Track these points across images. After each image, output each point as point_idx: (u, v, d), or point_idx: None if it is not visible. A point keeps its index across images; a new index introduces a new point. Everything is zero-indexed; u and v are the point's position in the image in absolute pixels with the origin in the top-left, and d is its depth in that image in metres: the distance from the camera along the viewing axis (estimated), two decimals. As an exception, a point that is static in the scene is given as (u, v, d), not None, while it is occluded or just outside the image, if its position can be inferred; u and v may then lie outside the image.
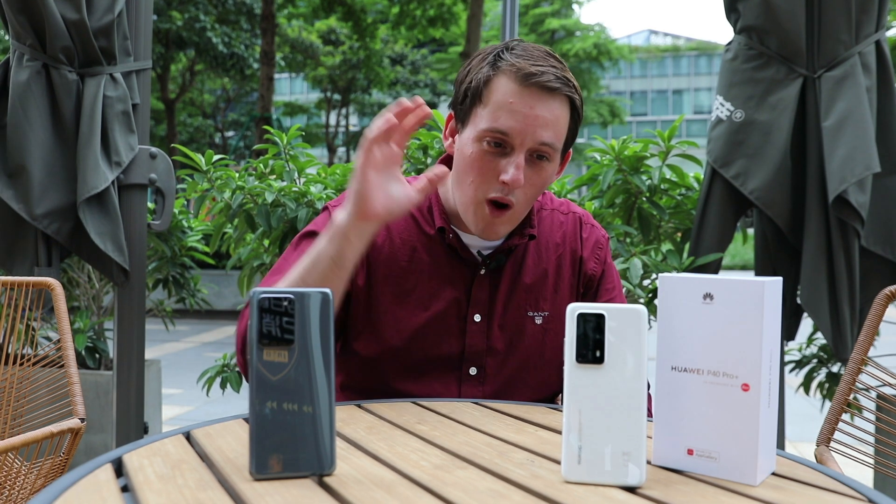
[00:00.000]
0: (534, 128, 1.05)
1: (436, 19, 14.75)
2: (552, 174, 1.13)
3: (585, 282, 1.24)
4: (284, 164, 2.24)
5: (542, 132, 1.05)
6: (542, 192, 1.16)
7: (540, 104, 1.05)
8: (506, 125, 1.05)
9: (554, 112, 1.06)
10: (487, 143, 1.06)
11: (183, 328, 7.48)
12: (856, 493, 0.69)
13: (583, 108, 1.14)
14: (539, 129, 1.05)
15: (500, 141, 1.06)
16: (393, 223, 1.18)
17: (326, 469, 0.70)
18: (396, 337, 1.15)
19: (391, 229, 1.18)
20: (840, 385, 1.37)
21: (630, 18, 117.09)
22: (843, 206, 1.93)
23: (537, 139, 1.05)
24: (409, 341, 1.15)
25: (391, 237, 1.18)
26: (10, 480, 1.38)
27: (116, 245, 2.05)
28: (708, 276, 0.73)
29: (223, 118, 23.32)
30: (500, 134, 1.05)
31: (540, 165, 1.09)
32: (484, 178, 1.08)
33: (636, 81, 46.91)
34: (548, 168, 1.10)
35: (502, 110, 1.05)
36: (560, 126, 1.08)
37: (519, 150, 1.06)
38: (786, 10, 1.99)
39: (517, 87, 1.05)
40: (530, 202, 1.13)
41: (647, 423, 0.70)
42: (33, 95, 1.99)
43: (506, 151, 1.06)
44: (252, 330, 0.69)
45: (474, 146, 1.08)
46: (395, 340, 1.15)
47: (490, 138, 1.06)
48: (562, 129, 1.09)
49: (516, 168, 1.05)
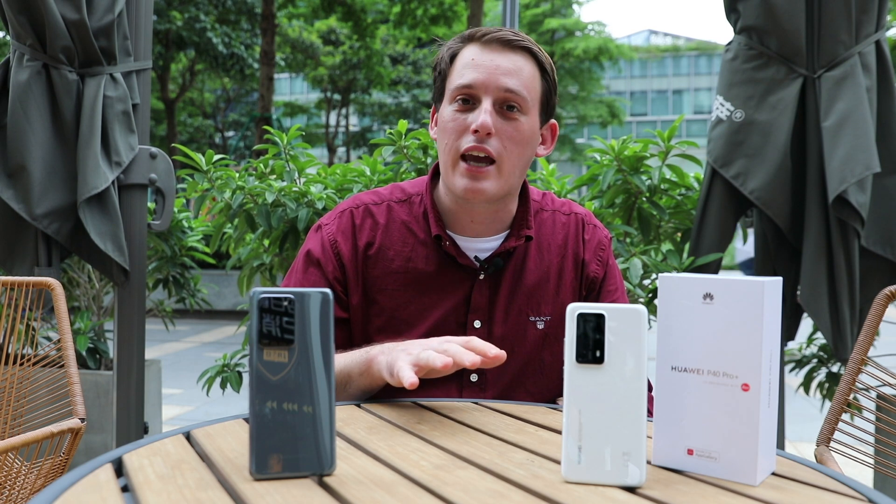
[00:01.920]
0: (496, 76, 1.10)
1: (438, 18, 14.72)
2: (531, 132, 1.14)
3: (588, 284, 1.23)
4: (284, 164, 2.24)
5: (505, 79, 1.10)
6: (526, 152, 1.15)
7: (500, 56, 1.11)
8: (469, 78, 1.11)
9: (516, 63, 1.11)
10: (458, 102, 1.12)
11: (183, 328, 7.48)
12: (856, 493, 0.69)
13: (554, 73, 1.17)
14: (501, 76, 1.10)
15: (468, 96, 1.11)
16: (387, 234, 1.18)
17: (326, 469, 0.70)
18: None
19: (386, 241, 1.18)
20: (840, 385, 1.37)
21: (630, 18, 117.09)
22: (843, 206, 1.93)
23: (501, 85, 1.10)
24: None
25: (386, 249, 1.17)
26: (10, 480, 1.38)
27: (116, 245, 2.05)
28: (708, 276, 0.73)
29: (223, 118, 23.33)
30: (465, 88, 1.11)
31: (513, 117, 1.11)
32: (457, 134, 1.12)
33: (636, 81, 46.90)
34: (523, 121, 1.12)
35: (466, 68, 1.12)
36: (524, 76, 1.12)
37: (485, 99, 1.10)
38: (786, 10, 1.99)
39: (478, 47, 1.13)
40: (515, 160, 1.13)
41: (647, 423, 0.70)
42: (33, 95, 1.99)
43: (475, 106, 1.12)
44: (252, 330, 0.69)
45: (447, 110, 1.14)
46: None
47: (459, 96, 1.12)
48: (527, 80, 1.12)
49: (484, 113, 1.09)
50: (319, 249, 1.18)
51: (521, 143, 1.12)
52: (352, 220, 1.19)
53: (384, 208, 1.20)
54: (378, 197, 1.22)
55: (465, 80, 1.11)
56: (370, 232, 1.18)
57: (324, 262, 1.17)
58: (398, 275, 1.16)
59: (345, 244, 1.17)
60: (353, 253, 1.17)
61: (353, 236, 1.18)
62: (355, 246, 1.17)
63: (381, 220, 1.19)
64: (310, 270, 1.18)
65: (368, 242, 1.17)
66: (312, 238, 1.20)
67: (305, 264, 1.19)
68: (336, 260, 1.17)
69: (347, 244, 1.17)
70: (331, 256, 1.17)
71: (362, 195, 1.23)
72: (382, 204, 1.20)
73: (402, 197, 1.21)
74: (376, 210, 1.20)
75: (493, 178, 1.11)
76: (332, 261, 1.17)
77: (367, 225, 1.18)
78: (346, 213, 1.20)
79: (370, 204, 1.20)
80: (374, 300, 1.17)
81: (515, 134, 1.11)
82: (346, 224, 1.19)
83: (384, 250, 1.17)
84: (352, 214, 1.19)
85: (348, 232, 1.18)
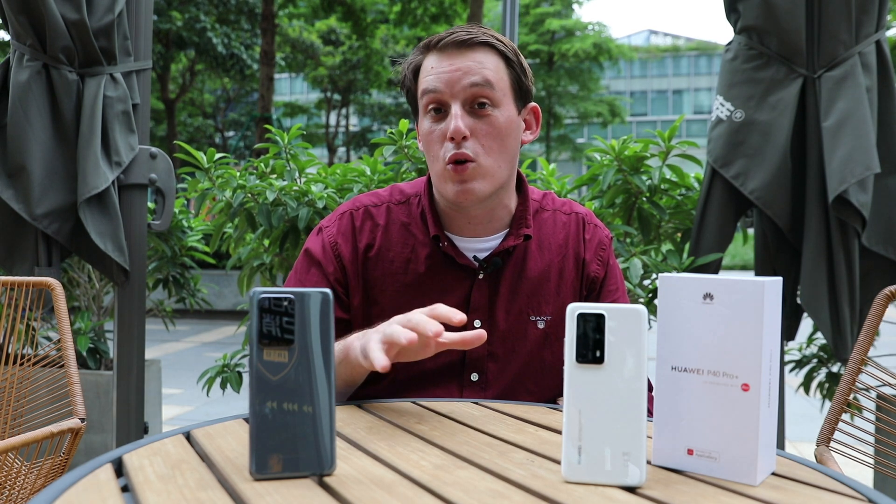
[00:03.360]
0: (457, 77, 1.10)
1: (438, 16, 14.72)
2: (507, 123, 1.13)
3: (588, 284, 1.23)
4: (285, 163, 2.24)
5: (468, 78, 1.10)
6: (508, 143, 1.13)
7: (458, 58, 1.11)
8: (432, 84, 1.11)
9: (476, 59, 1.11)
10: (430, 114, 1.13)
11: (183, 328, 7.49)
12: (856, 493, 0.69)
13: (519, 57, 1.17)
14: (463, 76, 1.10)
15: (437, 104, 1.12)
16: (387, 235, 1.18)
17: (326, 469, 0.70)
18: None
19: (386, 242, 1.18)
20: (840, 385, 1.37)
21: (630, 18, 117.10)
22: (844, 206, 1.93)
23: (464, 85, 1.10)
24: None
25: (386, 251, 1.18)
26: (10, 480, 1.38)
27: (116, 245, 2.05)
28: (708, 276, 0.73)
29: (223, 118, 23.33)
30: (432, 94, 1.11)
31: (484, 113, 1.11)
32: (438, 145, 1.12)
33: (636, 81, 46.90)
34: (496, 115, 1.11)
35: (428, 77, 1.12)
36: (487, 70, 1.11)
37: (453, 104, 1.10)
38: (786, 10, 1.99)
39: (435, 55, 1.13)
40: (496, 155, 1.12)
41: (647, 423, 0.70)
42: (33, 95, 1.99)
43: (447, 114, 1.11)
44: (252, 330, 0.69)
45: (424, 124, 1.14)
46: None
47: (430, 105, 1.12)
48: (491, 73, 1.11)
49: (454, 118, 1.09)
50: (321, 251, 1.18)
51: (500, 136, 1.12)
52: (352, 223, 1.19)
53: (383, 210, 1.20)
54: (377, 199, 1.22)
55: (429, 91, 1.11)
56: (370, 234, 1.18)
57: (325, 263, 1.17)
58: (398, 276, 1.17)
59: (345, 246, 1.18)
60: (353, 255, 1.17)
61: (354, 238, 1.18)
62: (356, 248, 1.18)
63: (381, 222, 1.19)
64: (311, 271, 1.18)
65: (368, 244, 1.18)
66: (313, 240, 1.21)
67: (307, 265, 1.19)
68: (337, 262, 1.17)
69: (348, 246, 1.18)
70: (332, 258, 1.17)
71: (361, 197, 1.23)
72: (382, 206, 1.21)
73: (401, 198, 1.22)
74: (376, 212, 1.20)
75: (480, 177, 1.11)
76: (333, 262, 1.17)
77: (367, 227, 1.19)
78: (346, 216, 1.20)
79: (370, 206, 1.21)
80: (375, 301, 1.17)
81: (491, 129, 1.11)
82: (347, 226, 1.19)
83: (384, 252, 1.17)
84: (351, 216, 1.20)
85: (348, 234, 1.18)
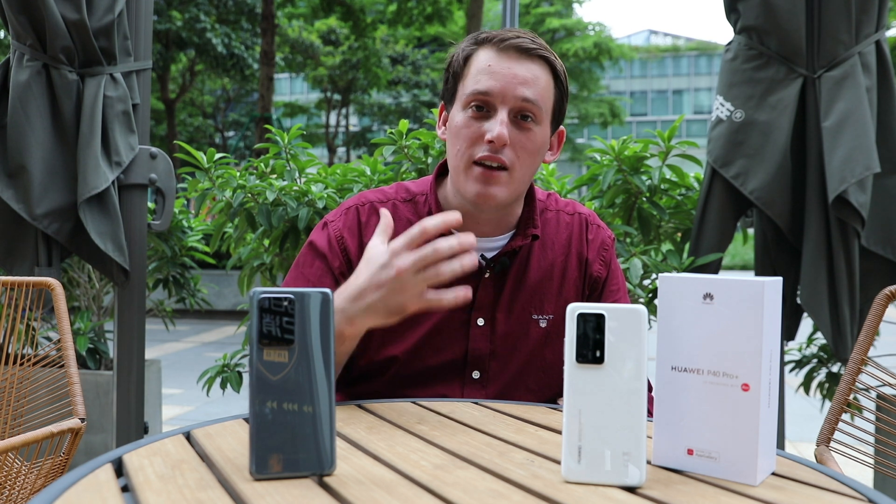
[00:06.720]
0: (513, 85, 1.08)
1: (432, 16, 14.78)
2: (543, 141, 1.13)
3: (591, 284, 1.23)
4: (285, 163, 2.24)
5: (522, 89, 1.09)
6: (537, 161, 1.15)
7: (517, 64, 1.09)
8: (485, 85, 1.09)
9: (533, 71, 1.10)
10: (472, 108, 1.11)
11: (183, 328, 7.48)
12: (856, 493, 0.69)
13: (566, 81, 1.16)
14: (518, 86, 1.08)
15: (483, 103, 1.10)
16: (393, 232, 1.18)
17: (326, 469, 0.70)
18: (399, 348, 1.15)
19: (390, 238, 1.18)
20: (840, 385, 1.37)
21: (630, 18, 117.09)
22: (844, 206, 1.93)
23: (518, 95, 1.08)
24: (412, 352, 1.15)
25: None
26: (10, 480, 1.38)
27: (116, 245, 2.05)
28: (708, 276, 0.73)
29: (223, 118, 23.34)
30: (481, 95, 1.09)
31: (527, 127, 1.10)
32: (471, 142, 1.10)
33: (636, 81, 46.90)
34: (536, 131, 1.11)
35: (482, 74, 1.10)
36: (540, 86, 1.10)
37: (501, 109, 1.09)
38: (786, 10, 1.99)
39: (494, 53, 1.10)
40: (526, 169, 1.12)
41: (647, 423, 0.70)
42: (33, 95, 1.99)
43: (490, 114, 1.10)
44: (252, 330, 0.69)
45: (460, 116, 1.12)
46: (398, 352, 1.15)
47: (473, 102, 1.10)
48: (543, 90, 1.11)
49: (500, 125, 1.08)
50: (326, 245, 1.17)
51: (533, 152, 1.12)
52: (357, 217, 1.18)
53: (389, 207, 1.20)
54: (383, 195, 1.22)
55: (481, 87, 1.09)
56: (376, 229, 1.18)
57: (330, 257, 1.16)
58: None
59: (351, 240, 1.17)
60: (359, 249, 1.17)
61: (360, 233, 1.17)
62: (361, 243, 1.17)
63: None
64: (315, 264, 1.17)
65: None
66: (318, 234, 1.19)
67: (311, 258, 1.18)
68: (343, 256, 1.16)
69: (354, 241, 1.17)
70: (337, 252, 1.16)
71: (367, 193, 1.23)
72: (388, 202, 1.20)
73: (407, 196, 1.22)
74: (381, 208, 1.19)
75: (505, 185, 1.11)
76: (339, 256, 1.16)
77: (373, 222, 1.18)
78: (351, 210, 1.19)
79: (376, 202, 1.20)
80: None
81: (529, 144, 1.11)
82: (353, 221, 1.18)
83: None
84: (357, 211, 1.19)
85: (354, 229, 1.18)
